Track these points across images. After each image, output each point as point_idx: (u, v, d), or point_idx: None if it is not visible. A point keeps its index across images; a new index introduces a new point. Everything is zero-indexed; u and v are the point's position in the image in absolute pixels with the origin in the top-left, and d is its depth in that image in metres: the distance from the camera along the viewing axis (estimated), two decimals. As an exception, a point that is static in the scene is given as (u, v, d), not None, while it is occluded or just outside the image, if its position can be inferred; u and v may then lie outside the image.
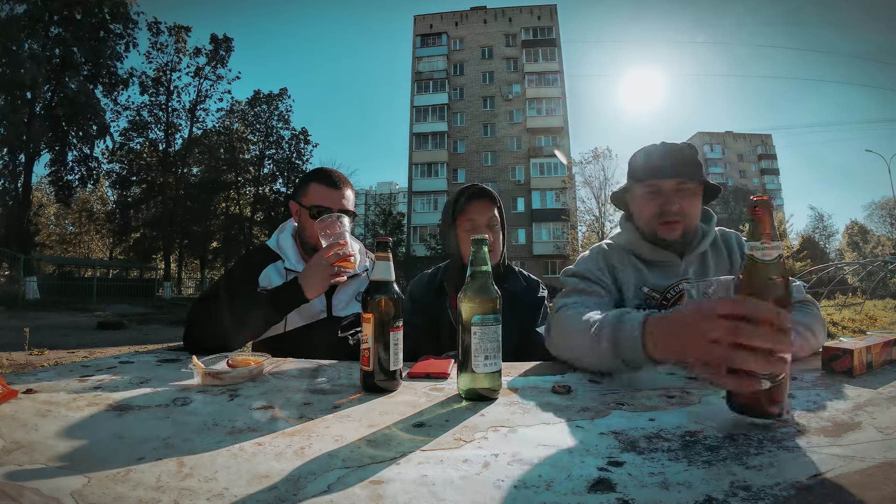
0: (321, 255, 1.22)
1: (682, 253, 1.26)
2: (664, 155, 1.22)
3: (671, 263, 1.25)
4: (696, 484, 0.47)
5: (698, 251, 1.26)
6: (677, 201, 1.19)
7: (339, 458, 0.55)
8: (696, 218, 1.25)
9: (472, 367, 0.78)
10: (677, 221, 1.20)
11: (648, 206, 1.23)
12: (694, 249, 1.25)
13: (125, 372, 0.98)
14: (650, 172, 1.23)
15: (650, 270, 1.26)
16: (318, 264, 1.22)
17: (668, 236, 1.22)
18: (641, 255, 1.28)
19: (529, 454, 0.55)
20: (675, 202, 1.19)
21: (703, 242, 1.26)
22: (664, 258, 1.26)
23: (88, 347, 6.81)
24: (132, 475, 0.50)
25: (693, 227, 1.24)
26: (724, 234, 1.34)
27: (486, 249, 0.83)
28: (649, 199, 1.23)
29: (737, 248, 1.29)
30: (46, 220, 28.36)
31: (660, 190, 1.21)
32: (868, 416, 0.65)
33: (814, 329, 1.06)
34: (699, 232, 1.27)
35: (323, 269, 1.21)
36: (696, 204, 1.23)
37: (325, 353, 1.20)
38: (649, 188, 1.23)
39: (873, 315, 10.26)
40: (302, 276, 1.24)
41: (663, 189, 1.21)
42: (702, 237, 1.27)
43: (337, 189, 1.42)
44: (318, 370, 1.02)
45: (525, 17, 34.86)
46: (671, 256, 1.25)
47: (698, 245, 1.25)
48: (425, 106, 33.85)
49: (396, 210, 37.14)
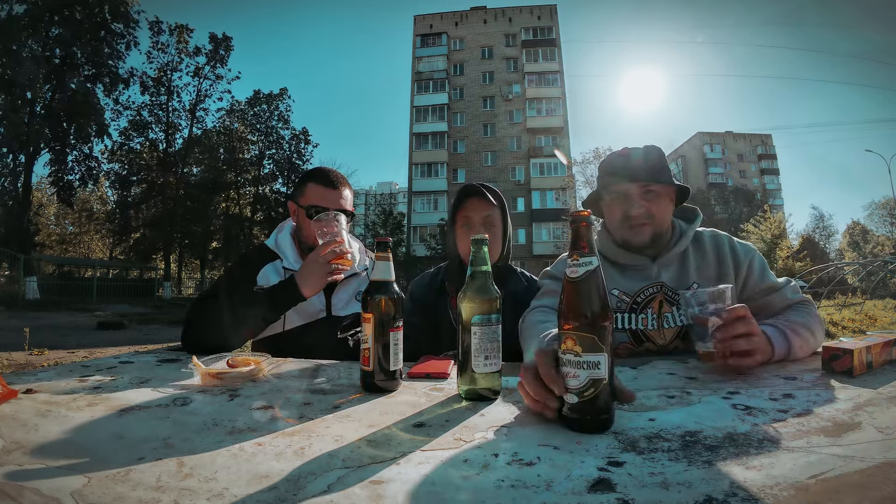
0: (317, 253, 1.22)
1: (654, 256, 1.26)
2: (628, 159, 1.24)
3: (643, 267, 1.26)
4: (696, 484, 0.47)
5: (674, 252, 1.25)
6: (643, 204, 1.20)
7: (339, 458, 0.55)
8: (666, 220, 1.25)
9: (472, 368, 0.78)
10: (645, 224, 1.21)
11: (616, 211, 1.26)
12: (668, 251, 1.25)
13: (125, 372, 0.98)
14: (615, 177, 1.25)
15: (622, 274, 1.27)
16: (315, 262, 1.22)
17: (635, 240, 1.23)
18: (613, 260, 1.28)
19: (529, 454, 0.55)
20: (641, 205, 1.20)
21: (679, 243, 1.25)
22: (635, 262, 1.26)
23: (88, 347, 6.81)
24: (132, 475, 0.50)
25: (663, 228, 1.24)
26: (716, 236, 1.31)
27: (486, 249, 0.83)
28: (616, 204, 1.25)
29: (728, 252, 1.26)
30: (46, 220, 28.37)
31: (625, 194, 1.23)
32: (868, 416, 0.65)
33: (812, 328, 1.06)
34: (676, 232, 1.27)
35: (319, 266, 1.21)
36: (663, 206, 1.23)
37: (325, 352, 1.20)
38: (615, 193, 1.25)
39: (873, 315, 10.26)
40: (299, 273, 1.24)
41: (628, 193, 1.22)
42: (679, 238, 1.26)
43: (334, 189, 1.42)
44: (318, 370, 1.02)
45: (525, 17, 34.86)
46: (643, 260, 1.25)
47: (674, 246, 1.25)
48: (425, 106, 33.85)
49: (396, 210, 37.15)
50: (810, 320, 1.09)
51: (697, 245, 1.28)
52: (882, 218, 39.74)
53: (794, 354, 1.01)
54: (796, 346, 1.00)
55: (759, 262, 1.25)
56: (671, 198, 1.26)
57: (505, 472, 0.51)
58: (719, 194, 38.34)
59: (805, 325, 1.06)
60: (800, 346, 1.01)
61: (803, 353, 1.03)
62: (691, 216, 1.33)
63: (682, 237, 1.26)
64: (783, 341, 0.99)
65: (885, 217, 39.36)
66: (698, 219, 1.31)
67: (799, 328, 1.04)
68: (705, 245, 1.28)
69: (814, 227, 41.82)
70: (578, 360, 0.63)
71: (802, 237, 35.46)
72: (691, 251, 1.27)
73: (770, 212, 26.88)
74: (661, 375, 0.92)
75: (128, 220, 26.30)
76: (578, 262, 0.66)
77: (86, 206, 28.99)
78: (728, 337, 0.89)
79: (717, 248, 1.28)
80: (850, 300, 15.05)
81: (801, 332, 1.03)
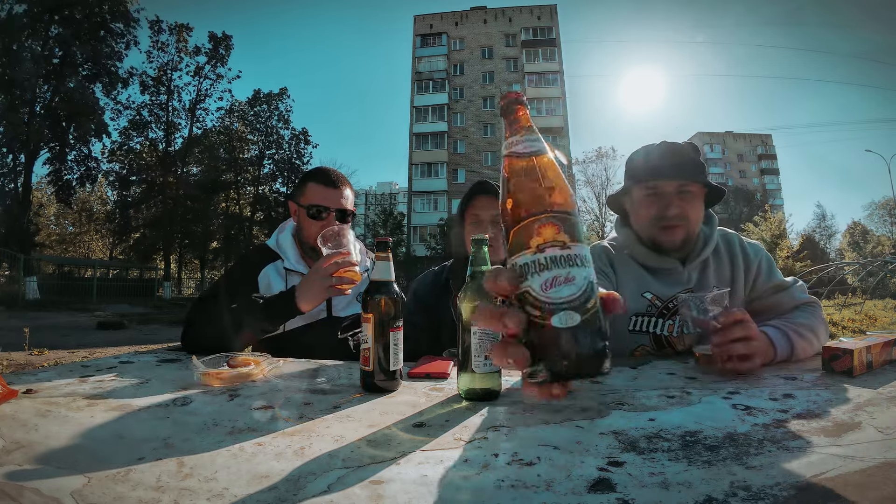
0: (320, 265, 1.17)
1: (684, 259, 1.20)
2: (664, 155, 1.16)
3: (674, 270, 1.20)
4: (696, 484, 0.47)
5: (701, 258, 1.20)
6: (678, 204, 1.14)
7: (339, 458, 0.55)
8: (699, 222, 1.19)
9: (472, 367, 0.78)
10: (678, 226, 1.15)
11: (648, 209, 1.18)
12: (697, 256, 1.20)
13: (125, 372, 0.98)
14: (650, 173, 1.17)
15: (654, 277, 1.21)
16: (316, 274, 1.17)
17: (667, 241, 1.17)
18: (642, 262, 1.23)
19: (529, 454, 0.55)
20: (676, 205, 1.14)
21: (706, 248, 1.20)
22: (666, 265, 1.20)
23: (88, 347, 6.81)
24: (132, 475, 0.50)
25: (695, 231, 1.18)
26: (726, 235, 1.29)
27: (486, 249, 0.83)
28: (649, 202, 1.18)
29: (739, 251, 1.24)
30: (46, 220, 28.36)
31: (660, 192, 1.16)
32: (868, 416, 0.65)
33: (816, 330, 1.05)
34: (702, 237, 1.22)
35: (320, 280, 1.16)
36: (698, 207, 1.17)
37: (326, 353, 1.19)
38: (649, 190, 1.18)
39: (873, 315, 10.26)
40: (299, 286, 1.19)
41: (664, 191, 1.15)
42: (704, 243, 1.21)
43: (335, 188, 1.41)
44: (318, 370, 1.02)
45: (525, 17, 34.87)
46: (673, 263, 1.20)
47: (701, 251, 1.20)
48: (425, 106, 33.86)
49: (396, 210, 37.14)
50: (815, 322, 1.07)
51: (714, 248, 1.25)
52: (882, 218, 39.77)
53: (797, 356, 1.00)
54: (799, 348, 1.00)
55: (768, 261, 1.24)
56: (702, 199, 1.20)
57: (505, 472, 0.51)
58: (719, 194, 38.28)
59: (809, 327, 1.04)
60: (803, 347, 1.00)
61: (806, 354, 1.02)
62: (707, 219, 1.28)
63: (709, 240, 1.21)
64: (786, 343, 0.98)
65: (885, 217, 39.38)
66: (714, 222, 1.27)
67: (803, 329, 1.03)
68: (720, 247, 1.25)
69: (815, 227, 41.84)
70: (569, 253, 0.43)
71: (803, 237, 35.44)
72: (710, 256, 1.24)
73: (770, 212, 26.88)
74: (661, 375, 0.92)
75: (128, 220, 26.31)
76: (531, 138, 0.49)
77: (86, 206, 28.99)
78: (726, 341, 0.87)
79: (729, 248, 1.25)
80: (850, 300, 15.05)
81: (805, 334, 1.02)
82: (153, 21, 25.09)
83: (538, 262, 0.43)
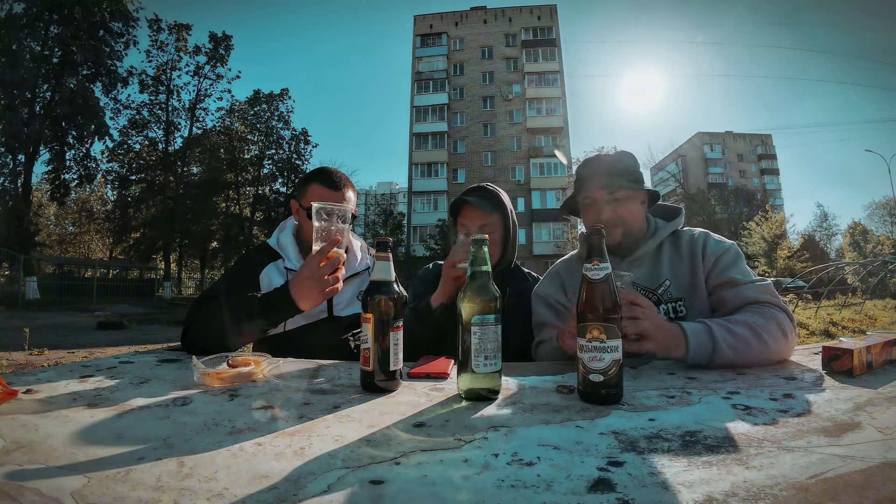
0: (315, 266, 1.13)
1: (623, 255, 1.29)
2: (595, 166, 1.29)
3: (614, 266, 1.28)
4: (696, 484, 0.47)
5: (643, 250, 1.27)
6: (611, 210, 1.24)
7: (339, 458, 0.55)
8: (636, 221, 1.28)
9: (472, 367, 0.78)
10: (616, 227, 1.25)
11: (587, 216, 1.31)
12: (637, 250, 1.27)
13: (125, 372, 0.98)
14: (583, 185, 1.30)
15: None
16: (312, 277, 1.14)
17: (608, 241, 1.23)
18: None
19: (529, 454, 0.55)
20: (609, 211, 1.24)
21: (648, 242, 1.28)
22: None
23: (88, 347, 6.80)
24: (132, 475, 0.50)
25: (634, 229, 1.27)
26: (696, 233, 1.31)
27: (486, 249, 0.83)
28: (587, 210, 1.30)
29: (700, 247, 1.24)
30: (46, 220, 28.36)
31: (594, 200, 1.28)
32: (868, 416, 0.65)
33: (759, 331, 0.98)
34: (650, 231, 1.30)
35: (317, 282, 1.14)
36: (633, 208, 1.27)
37: (326, 353, 1.19)
38: (585, 199, 1.30)
39: (873, 315, 10.25)
40: (294, 287, 1.16)
41: (596, 199, 1.27)
42: (651, 236, 1.29)
43: (337, 190, 1.41)
44: (318, 370, 1.02)
45: (525, 17, 34.85)
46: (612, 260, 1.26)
47: (643, 245, 1.28)
48: (425, 106, 33.84)
49: (396, 210, 37.14)
50: (761, 322, 1.00)
51: (675, 243, 1.30)
52: (882, 218, 39.77)
53: (724, 355, 0.94)
54: (725, 346, 0.94)
55: (730, 257, 1.21)
56: (643, 200, 1.30)
57: (505, 472, 0.51)
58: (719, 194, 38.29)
59: (749, 325, 0.98)
60: (733, 346, 0.95)
61: (740, 355, 0.95)
62: (671, 214, 1.36)
63: (654, 236, 1.29)
64: (706, 337, 0.95)
65: (885, 217, 39.38)
66: (677, 217, 1.33)
67: (738, 326, 0.97)
68: (682, 243, 1.29)
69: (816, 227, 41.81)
70: (604, 345, 0.75)
71: (803, 237, 35.43)
72: (667, 249, 1.29)
73: (771, 212, 26.87)
74: (661, 375, 0.92)
75: (127, 219, 26.30)
76: (599, 267, 0.80)
77: (85, 206, 28.99)
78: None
79: (692, 244, 1.27)
80: (850, 300, 15.04)
81: (739, 332, 0.96)
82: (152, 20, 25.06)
83: (587, 346, 0.77)
